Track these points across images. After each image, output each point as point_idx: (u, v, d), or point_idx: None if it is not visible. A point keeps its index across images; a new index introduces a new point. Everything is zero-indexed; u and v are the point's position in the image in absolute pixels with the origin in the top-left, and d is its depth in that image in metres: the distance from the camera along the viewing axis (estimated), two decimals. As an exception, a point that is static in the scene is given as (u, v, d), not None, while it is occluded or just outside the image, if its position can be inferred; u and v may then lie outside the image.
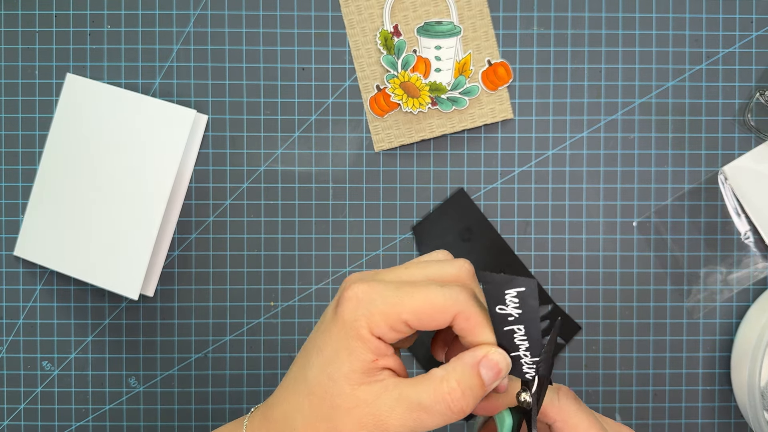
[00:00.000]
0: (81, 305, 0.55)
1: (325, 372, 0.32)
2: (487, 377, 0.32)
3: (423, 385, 0.32)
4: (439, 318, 0.32)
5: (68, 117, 0.53)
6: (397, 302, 0.32)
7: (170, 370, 0.55)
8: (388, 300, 0.32)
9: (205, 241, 0.55)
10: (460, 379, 0.32)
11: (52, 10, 0.55)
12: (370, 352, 0.32)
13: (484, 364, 0.32)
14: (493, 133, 0.55)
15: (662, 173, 0.55)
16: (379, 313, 0.31)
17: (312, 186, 0.55)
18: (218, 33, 0.55)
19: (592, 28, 0.55)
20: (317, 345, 0.33)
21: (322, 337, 0.33)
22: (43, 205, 0.53)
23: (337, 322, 0.32)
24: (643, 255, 0.55)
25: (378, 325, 0.32)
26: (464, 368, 0.32)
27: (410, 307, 0.31)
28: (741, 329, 0.54)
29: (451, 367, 0.32)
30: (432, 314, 0.32)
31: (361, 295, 0.32)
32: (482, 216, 0.55)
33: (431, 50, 0.54)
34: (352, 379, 0.32)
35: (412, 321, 0.32)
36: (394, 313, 0.31)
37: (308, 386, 0.33)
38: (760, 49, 0.55)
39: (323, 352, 0.32)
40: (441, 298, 0.32)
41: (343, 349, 0.32)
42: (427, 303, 0.32)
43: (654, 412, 0.56)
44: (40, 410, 0.55)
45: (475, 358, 0.32)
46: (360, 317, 0.32)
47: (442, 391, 0.31)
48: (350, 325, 0.32)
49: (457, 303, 0.32)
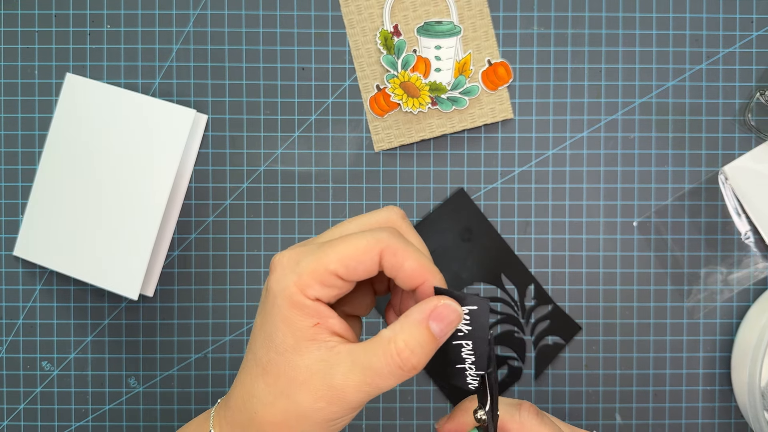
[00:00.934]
0: (81, 305, 0.55)
1: (272, 348, 0.31)
2: (437, 330, 0.31)
3: (372, 349, 0.31)
4: (366, 260, 0.31)
5: (68, 117, 0.53)
6: (321, 256, 0.31)
7: (170, 370, 0.55)
8: (313, 257, 0.31)
9: (205, 241, 0.55)
10: (407, 339, 0.31)
11: (52, 10, 0.55)
12: (309, 316, 0.31)
13: (434, 317, 0.31)
14: (493, 133, 0.55)
15: (662, 173, 0.55)
16: (307, 272, 0.31)
17: (312, 186, 0.55)
18: (218, 33, 0.55)
19: (592, 27, 0.55)
20: (258, 324, 0.32)
21: (261, 314, 0.32)
22: (42, 205, 0.53)
23: (269, 296, 0.32)
24: (644, 255, 0.55)
25: (309, 285, 0.31)
26: (411, 326, 0.31)
27: (334, 256, 0.31)
28: (741, 329, 0.54)
29: (399, 326, 0.31)
30: (357, 257, 0.31)
31: (285, 261, 0.31)
32: (482, 216, 0.55)
33: (431, 50, 0.54)
34: (299, 349, 0.31)
35: (340, 270, 0.31)
36: (321, 267, 0.31)
37: (260, 366, 0.32)
38: (761, 49, 0.55)
39: (264, 328, 0.32)
40: (363, 240, 0.31)
41: (280, 321, 0.31)
42: (351, 246, 0.31)
43: (654, 412, 0.56)
44: (39, 410, 0.55)
45: (423, 313, 0.31)
46: (289, 284, 0.31)
47: (391, 352, 0.31)
48: (281, 293, 0.31)
49: (380, 240, 0.31)
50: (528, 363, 0.55)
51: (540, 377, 0.55)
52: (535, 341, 0.55)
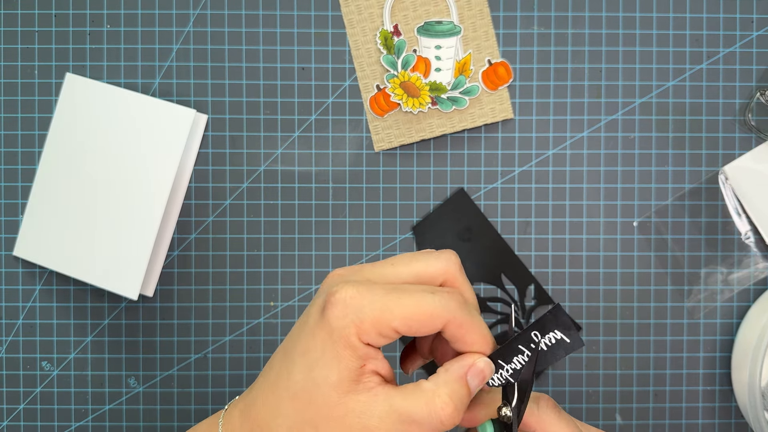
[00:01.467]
0: (80, 305, 0.55)
1: (311, 377, 0.31)
2: (472, 384, 0.32)
3: (414, 398, 0.31)
4: (430, 325, 0.31)
5: (68, 117, 0.53)
6: (386, 309, 0.31)
7: (170, 370, 0.55)
8: (378, 306, 0.31)
9: (205, 241, 0.55)
10: (451, 393, 0.31)
11: (52, 10, 0.55)
12: (359, 359, 0.31)
13: (471, 373, 0.32)
14: (493, 133, 0.55)
15: (663, 173, 0.55)
16: (369, 321, 0.31)
17: (312, 186, 0.55)
18: (218, 33, 0.55)
19: (593, 27, 0.55)
20: (301, 347, 0.32)
21: (307, 339, 0.32)
22: (42, 205, 0.53)
23: (324, 327, 0.31)
24: (644, 255, 0.55)
25: (367, 333, 0.31)
26: (455, 381, 0.32)
27: (400, 315, 0.31)
28: (741, 329, 0.54)
29: (441, 380, 0.32)
30: (423, 321, 0.31)
31: (349, 300, 0.31)
32: (482, 216, 0.55)
33: (431, 50, 0.54)
34: (340, 387, 0.31)
35: (401, 328, 0.31)
36: (384, 321, 0.31)
37: (292, 390, 0.32)
38: (761, 49, 0.55)
39: (308, 356, 0.32)
40: (431, 306, 0.31)
41: (330, 357, 0.31)
42: (419, 311, 0.31)
43: (654, 412, 0.56)
44: (39, 410, 0.55)
45: (463, 368, 0.32)
46: (349, 324, 0.31)
47: (435, 407, 0.31)
48: (338, 332, 0.31)
49: (448, 310, 0.31)
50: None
51: (540, 377, 0.55)
52: (535, 341, 0.55)
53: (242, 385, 0.55)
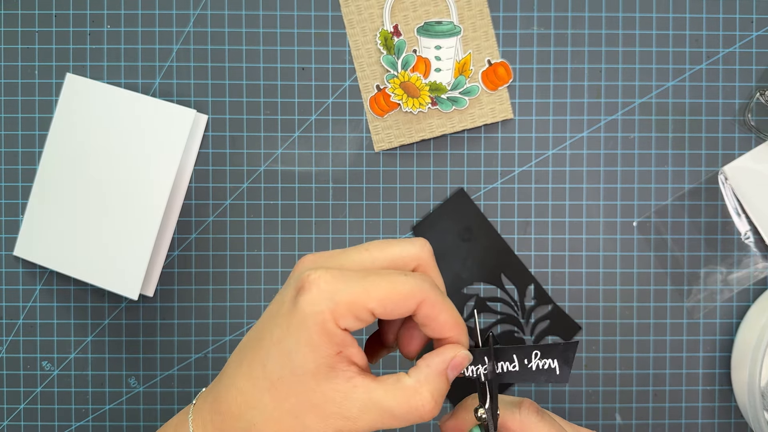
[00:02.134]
0: (81, 305, 0.55)
1: (288, 367, 0.31)
2: (450, 376, 0.33)
3: (394, 394, 0.31)
4: (405, 306, 0.32)
5: (68, 117, 0.53)
6: (362, 291, 0.31)
7: (170, 370, 0.55)
8: (353, 290, 0.31)
9: (205, 241, 0.55)
10: (433, 390, 0.32)
11: (52, 10, 0.55)
12: (334, 344, 0.31)
13: (452, 367, 0.33)
14: (493, 133, 0.55)
15: (662, 173, 0.55)
16: (345, 304, 0.31)
17: (312, 186, 0.55)
18: (218, 33, 0.55)
19: (592, 28, 0.55)
20: (275, 336, 0.32)
21: (281, 327, 0.32)
22: (42, 205, 0.53)
23: (297, 314, 0.31)
24: (643, 255, 0.55)
25: (343, 317, 0.31)
26: (436, 376, 0.32)
27: (376, 296, 0.31)
28: (741, 329, 0.54)
29: (423, 377, 0.32)
30: (398, 302, 0.31)
31: (324, 285, 0.31)
32: (482, 216, 0.55)
33: (431, 50, 0.54)
34: (318, 374, 0.31)
35: (377, 310, 0.31)
36: (361, 303, 0.31)
37: (268, 380, 0.32)
38: (760, 49, 0.55)
39: (282, 344, 0.31)
40: (407, 287, 0.31)
41: (305, 344, 0.31)
42: (394, 291, 0.31)
43: (654, 412, 0.56)
44: (39, 410, 0.55)
45: (444, 363, 0.32)
46: (324, 309, 0.31)
47: (416, 403, 0.31)
48: (313, 318, 0.31)
49: (422, 290, 0.32)
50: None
51: (540, 377, 0.55)
52: (535, 341, 0.55)
53: (242, 384, 0.55)
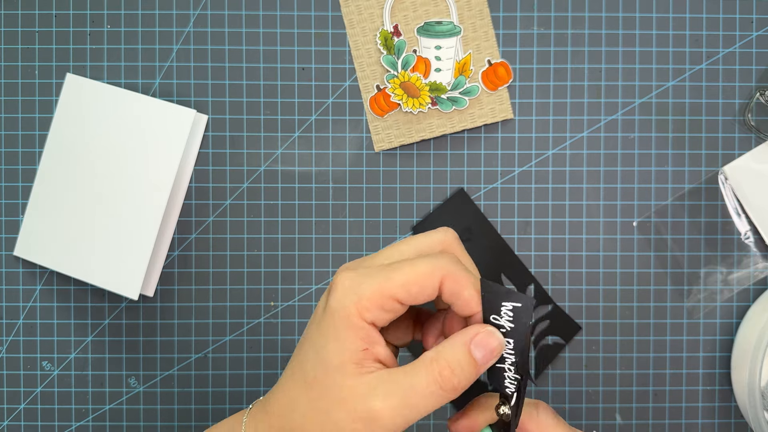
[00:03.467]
0: (81, 305, 0.55)
1: (320, 365, 0.32)
2: (479, 356, 0.32)
3: (414, 369, 0.32)
4: (428, 285, 0.32)
5: (68, 117, 0.53)
6: (383, 281, 0.32)
7: (170, 370, 0.55)
8: (375, 280, 0.32)
9: (205, 241, 0.55)
10: (449, 358, 0.32)
11: (52, 10, 0.55)
12: (360, 339, 0.32)
13: (476, 343, 0.32)
14: (493, 133, 0.55)
15: (662, 173, 0.55)
16: (368, 296, 0.31)
17: (312, 186, 0.55)
18: (218, 33, 0.55)
19: (592, 28, 0.55)
20: (310, 337, 0.33)
21: (316, 329, 0.33)
22: (43, 205, 0.53)
23: (327, 313, 0.32)
24: (644, 255, 0.55)
25: (368, 309, 0.32)
26: (454, 347, 0.32)
27: (398, 281, 0.32)
28: (741, 329, 0.54)
29: (441, 347, 0.32)
30: (420, 282, 0.32)
31: (348, 282, 0.32)
32: (482, 216, 0.55)
33: (431, 50, 0.54)
34: (344, 370, 0.32)
35: (401, 295, 0.32)
36: (385, 291, 0.31)
37: (306, 379, 0.33)
38: (760, 49, 0.55)
39: (316, 343, 0.33)
40: (427, 266, 0.32)
41: (333, 339, 0.32)
42: (414, 272, 0.32)
43: (654, 412, 0.56)
44: (40, 410, 0.55)
45: (466, 336, 0.32)
46: (349, 304, 0.32)
47: (434, 371, 0.31)
48: (339, 314, 0.32)
49: (442, 267, 0.32)
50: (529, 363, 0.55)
51: (540, 377, 0.55)
52: (535, 341, 0.55)
53: (242, 385, 0.55)
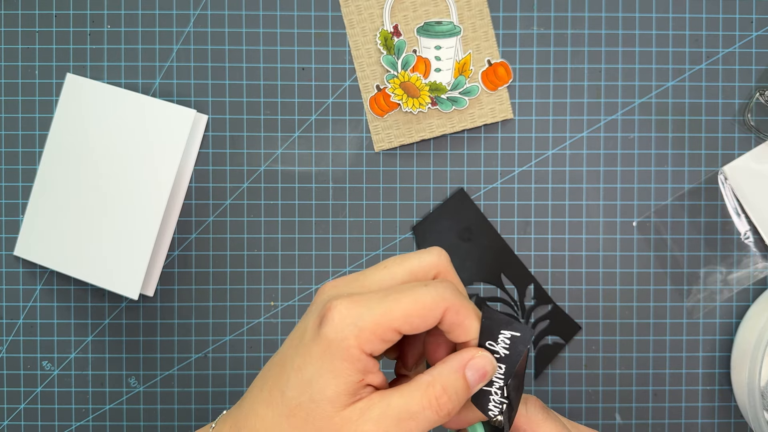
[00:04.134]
0: (81, 305, 0.55)
1: (307, 394, 0.31)
2: (472, 380, 0.32)
3: (410, 392, 0.31)
4: (430, 317, 0.31)
5: (68, 117, 0.53)
6: (385, 312, 0.30)
7: (170, 370, 0.55)
8: (376, 312, 0.30)
9: (205, 241, 0.55)
10: (446, 384, 0.31)
11: (52, 10, 0.55)
12: (358, 372, 0.31)
13: (470, 367, 0.32)
14: (493, 133, 0.55)
15: (662, 173, 0.55)
16: (369, 328, 0.30)
17: (312, 186, 0.55)
18: (218, 33, 0.55)
19: (592, 28, 0.55)
20: (296, 364, 0.31)
21: (302, 356, 0.31)
22: (43, 205, 0.53)
23: (321, 342, 0.31)
24: (643, 255, 0.55)
25: (368, 341, 0.30)
26: (450, 372, 0.32)
27: (399, 314, 0.31)
28: (741, 329, 0.54)
29: (437, 372, 0.32)
30: (422, 315, 0.31)
31: (345, 311, 0.31)
32: (482, 216, 0.55)
33: (431, 50, 0.54)
34: (337, 402, 0.30)
35: (402, 327, 0.31)
36: (385, 323, 0.30)
37: (287, 407, 0.31)
38: (760, 49, 0.55)
39: (303, 371, 0.31)
40: (429, 297, 0.31)
41: (327, 371, 0.30)
42: (417, 304, 0.31)
43: (654, 412, 0.56)
44: (40, 410, 0.55)
45: (462, 361, 0.32)
46: (348, 336, 0.30)
47: (430, 397, 0.31)
48: (336, 345, 0.30)
49: (444, 298, 0.31)
50: (528, 363, 0.55)
51: (540, 377, 0.55)
52: (534, 341, 0.55)
53: (242, 384, 0.55)
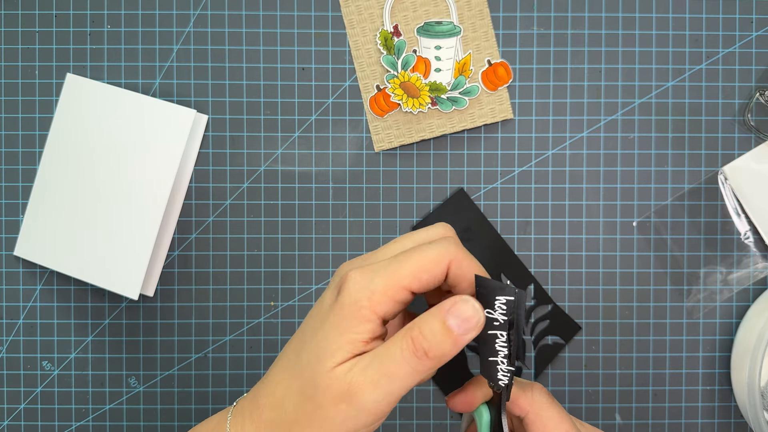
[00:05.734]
0: (81, 305, 0.55)
1: (314, 353, 0.32)
2: (456, 326, 0.32)
3: (392, 340, 0.32)
4: (437, 270, 0.33)
5: (68, 117, 0.53)
6: (394, 272, 0.32)
7: (170, 370, 0.55)
8: (385, 273, 0.32)
9: (205, 241, 0.55)
10: (422, 326, 0.32)
11: (52, 10, 0.55)
12: (366, 332, 0.32)
13: (451, 313, 0.32)
14: (493, 133, 0.55)
15: (662, 173, 0.55)
16: (380, 290, 0.32)
17: (312, 186, 0.55)
18: (218, 33, 0.55)
19: (592, 28, 0.55)
20: (312, 328, 0.33)
21: (320, 322, 0.33)
22: (43, 205, 0.53)
23: (337, 309, 0.33)
24: (643, 255, 0.55)
25: (381, 302, 0.32)
26: (428, 315, 0.32)
27: (407, 271, 0.32)
28: (741, 329, 0.54)
29: (417, 318, 0.33)
30: (429, 269, 0.33)
31: (359, 278, 0.33)
32: (482, 216, 0.55)
33: (431, 50, 0.54)
34: (338, 356, 0.32)
35: (412, 284, 0.32)
36: (395, 281, 0.32)
37: (300, 368, 0.33)
38: (760, 49, 0.55)
39: (317, 335, 0.33)
40: (433, 252, 0.33)
41: (336, 330, 0.32)
42: (422, 260, 0.33)
43: (654, 412, 0.56)
44: (40, 410, 0.55)
45: (443, 306, 0.33)
46: (361, 298, 0.32)
47: (407, 338, 0.32)
48: (350, 307, 0.32)
49: (449, 251, 0.33)
50: (528, 363, 0.55)
51: (540, 377, 0.55)
52: (535, 341, 0.55)
53: (242, 384, 0.55)
